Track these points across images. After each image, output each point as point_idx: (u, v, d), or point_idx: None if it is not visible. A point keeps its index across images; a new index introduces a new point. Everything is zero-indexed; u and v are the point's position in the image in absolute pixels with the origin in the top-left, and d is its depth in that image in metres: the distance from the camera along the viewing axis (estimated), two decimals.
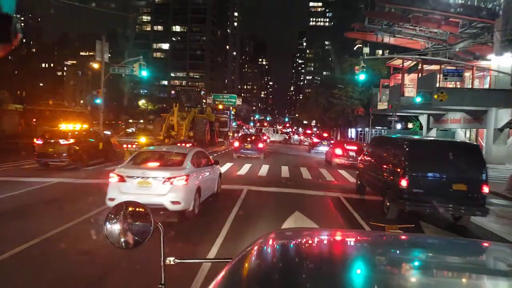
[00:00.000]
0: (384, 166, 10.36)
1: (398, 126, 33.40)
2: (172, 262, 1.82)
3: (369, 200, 11.97)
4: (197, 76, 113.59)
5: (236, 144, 24.24)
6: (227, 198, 10.94)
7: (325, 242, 1.77)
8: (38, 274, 5.26)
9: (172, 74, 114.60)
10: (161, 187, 8.04)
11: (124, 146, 17.57)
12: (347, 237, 1.88)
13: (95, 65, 31.51)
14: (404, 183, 8.65)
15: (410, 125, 51.12)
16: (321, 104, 48.52)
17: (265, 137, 35.34)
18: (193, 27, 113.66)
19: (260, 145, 24.28)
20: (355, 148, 21.58)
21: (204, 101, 30.85)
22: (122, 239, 1.78)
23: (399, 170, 9.01)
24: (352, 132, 51.43)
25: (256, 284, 1.23)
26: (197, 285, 4.44)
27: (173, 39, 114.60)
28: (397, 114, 42.70)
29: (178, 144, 17.68)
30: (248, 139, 25.25)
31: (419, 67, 31.42)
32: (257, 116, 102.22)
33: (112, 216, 1.79)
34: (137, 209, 1.82)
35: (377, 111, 43.15)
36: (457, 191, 8.57)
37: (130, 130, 48.93)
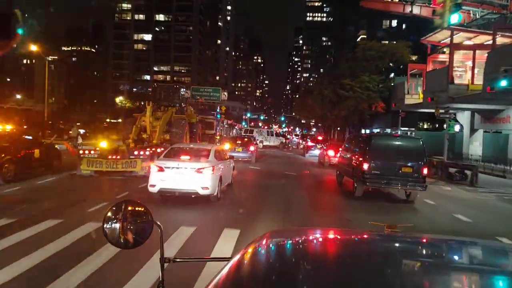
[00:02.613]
0: (353, 156, 13.06)
1: (456, 127, 22.58)
2: (171, 262, 1.82)
3: None
4: (183, 70, 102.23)
5: (227, 146, 21.17)
6: None
7: (324, 241, 1.77)
8: None
9: (156, 68, 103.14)
10: (193, 176, 9.51)
11: (81, 152, 14.61)
12: (346, 237, 1.88)
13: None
14: (365, 166, 11.34)
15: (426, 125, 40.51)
16: (327, 98, 37.68)
17: (253, 144, 24.97)
18: (178, 16, 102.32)
19: (252, 148, 23.40)
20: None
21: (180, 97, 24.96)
22: (122, 239, 1.78)
23: (362, 157, 11.73)
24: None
25: (255, 283, 1.24)
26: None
27: (157, 29, 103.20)
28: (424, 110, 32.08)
29: (148, 149, 15.19)
30: (239, 142, 24.05)
31: None
32: (248, 115, 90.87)
33: (112, 215, 1.78)
34: (137, 209, 1.82)
35: (403, 107, 32.45)
36: (405, 172, 11.21)
37: (76, 133, 37.48)
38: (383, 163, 11.35)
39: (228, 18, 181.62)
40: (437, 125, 38.16)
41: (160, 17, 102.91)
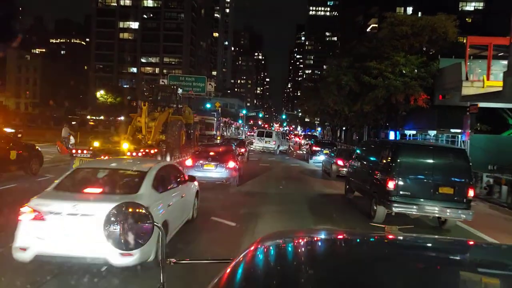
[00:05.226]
0: (372, 170, 10.39)
1: None
2: (171, 263, 1.82)
3: None
4: (173, 62, 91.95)
5: (189, 162, 13.73)
6: None
7: (325, 242, 1.76)
8: None
9: (143, 60, 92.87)
10: (100, 230, 2.85)
11: (73, 152, 13.71)
12: (346, 238, 1.85)
13: None
14: (391, 185, 8.77)
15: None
16: (347, 87, 27.58)
17: (233, 157, 14.71)
18: (168, 1, 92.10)
19: (231, 163, 13.43)
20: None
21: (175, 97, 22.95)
22: (123, 240, 1.77)
23: (386, 172, 9.12)
24: (394, 138, 30.40)
25: (256, 285, 1.24)
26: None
27: (144, 16, 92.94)
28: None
29: (142, 151, 14.61)
30: (212, 153, 14.25)
31: None
32: (244, 112, 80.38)
33: (112, 217, 1.78)
34: (137, 210, 1.81)
35: (458, 99, 22.52)
36: (443, 194, 8.70)
37: (67, 132, 29.06)
38: (414, 181, 8.90)
39: (227, 10, 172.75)
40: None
41: (149, 3, 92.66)
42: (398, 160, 8.92)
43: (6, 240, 5.29)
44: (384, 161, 9.66)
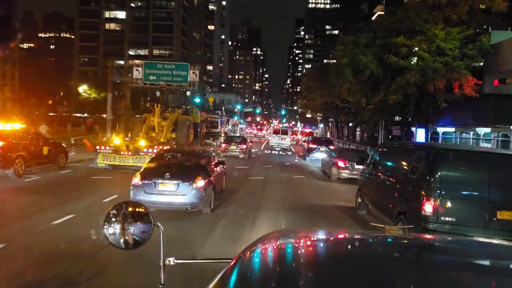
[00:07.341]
0: (398, 183, 7.95)
1: None
2: (171, 263, 1.81)
3: None
4: (164, 54, 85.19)
5: (136, 180, 8.87)
6: None
7: (325, 242, 1.76)
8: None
9: (131, 52, 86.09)
10: None
11: (97, 148, 15.88)
12: (346, 238, 1.85)
13: None
14: (428, 207, 6.35)
15: None
16: (367, 70, 21.00)
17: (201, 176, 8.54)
18: None
19: (200, 182, 8.72)
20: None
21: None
22: (122, 240, 1.78)
23: (421, 189, 6.61)
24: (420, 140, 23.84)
25: (256, 285, 1.24)
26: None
27: (132, 5, 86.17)
28: None
29: (156, 147, 15.83)
30: (174, 165, 9.81)
31: None
32: (238, 107, 73.77)
33: (112, 216, 1.78)
34: (137, 209, 1.81)
35: None
36: (504, 221, 6.17)
37: (45, 129, 26.50)
38: (462, 202, 6.42)
39: (224, 3, 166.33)
40: None
41: None
42: (439, 172, 6.48)
43: None
44: (418, 172, 7.15)
